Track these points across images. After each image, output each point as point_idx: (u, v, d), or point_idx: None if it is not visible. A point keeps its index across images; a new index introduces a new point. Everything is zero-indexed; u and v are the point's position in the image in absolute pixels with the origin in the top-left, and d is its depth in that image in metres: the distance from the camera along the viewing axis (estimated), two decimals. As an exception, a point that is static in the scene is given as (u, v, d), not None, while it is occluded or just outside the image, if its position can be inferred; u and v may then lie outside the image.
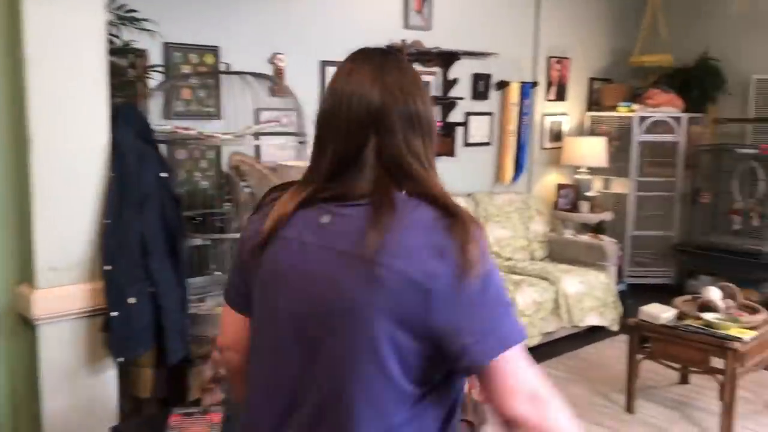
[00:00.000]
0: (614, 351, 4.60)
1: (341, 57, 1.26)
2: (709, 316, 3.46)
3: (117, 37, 2.82)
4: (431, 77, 4.92)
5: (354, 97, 1.13)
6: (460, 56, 4.89)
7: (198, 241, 2.57)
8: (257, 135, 2.38)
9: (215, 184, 3.77)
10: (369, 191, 1.09)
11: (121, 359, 2.20)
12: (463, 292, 1.03)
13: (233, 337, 1.26)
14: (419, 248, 1.03)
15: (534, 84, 5.57)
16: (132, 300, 2.11)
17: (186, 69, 3.74)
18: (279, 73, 4.09)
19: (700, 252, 5.78)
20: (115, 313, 2.12)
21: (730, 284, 3.86)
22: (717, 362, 3.39)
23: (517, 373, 1.06)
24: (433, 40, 4.83)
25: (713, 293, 3.65)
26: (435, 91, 4.94)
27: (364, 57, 1.20)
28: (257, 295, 1.16)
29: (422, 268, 1.02)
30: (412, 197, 1.09)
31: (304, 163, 2.75)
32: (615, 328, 4.92)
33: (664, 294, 5.87)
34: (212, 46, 3.86)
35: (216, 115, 3.84)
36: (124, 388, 2.31)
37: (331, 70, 4.34)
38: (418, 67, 4.83)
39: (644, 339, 3.66)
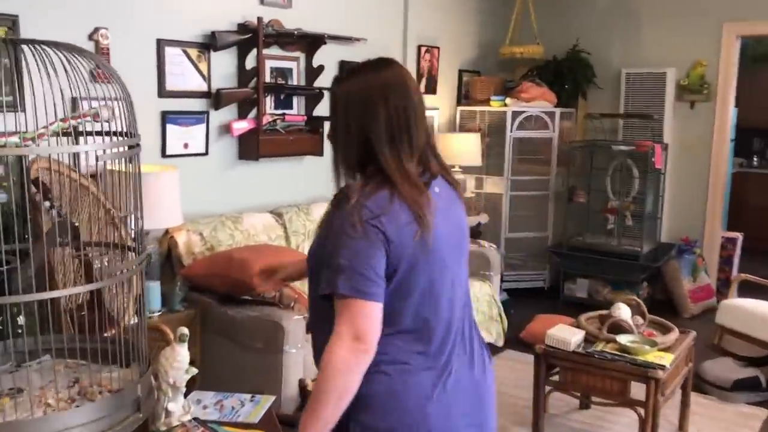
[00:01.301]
0: (504, 371, 4.16)
1: (184, 35, 0.72)
2: (624, 339, 3.05)
3: None
4: (292, 63, 4.21)
5: (422, 104, 1.54)
6: (325, 40, 4.22)
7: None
8: (64, 135, 1.59)
9: (18, 198, 2.84)
10: (438, 169, 1.58)
11: None
12: None
13: (379, 328, 1.44)
14: None
15: (404, 74, 5.01)
16: None
17: (-32, 43, 2.78)
18: (103, 52, 3.21)
19: (575, 254, 5.53)
20: None
21: (636, 298, 3.51)
22: (635, 391, 3.00)
23: None
24: (293, 20, 4.11)
25: (623, 311, 3.26)
26: (297, 79, 4.24)
27: (399, 64, 1.57)
28: (428, 262, 1.48)
29: None
30: None
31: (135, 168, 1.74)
32: (500, 343, 4.49)
33: (541, 299, 5.59)
34: (8, 15, 2.92)
35: (14, 107, 2.91)
36: None
37: (171, 51, 3.52)
38: (277, 51, 4.10)
39: (550, 366, 3.21)
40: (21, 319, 2.23)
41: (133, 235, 1.70)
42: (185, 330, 1.93)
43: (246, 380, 3.15)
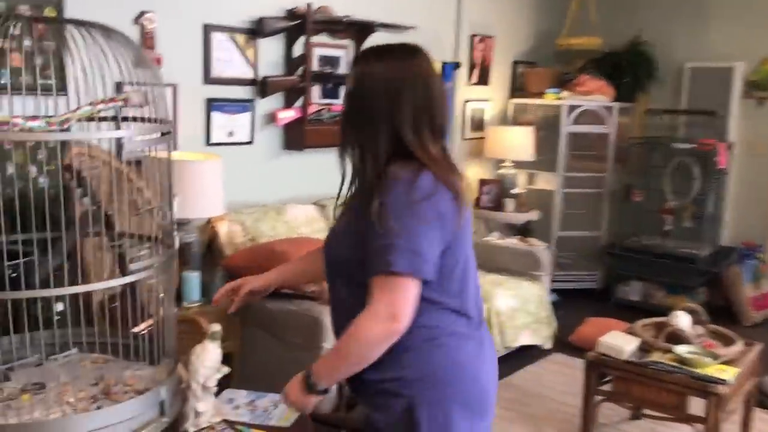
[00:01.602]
0: (551, 375, 3.99)
1: (232, 20, 0.61)
2: (681, 349, 2.86)
3: None
4: (341, 51, 4.10)
5: (444, 93, 1.57)
6: (375, 28, 4.10)
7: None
8: (91, 120, 1.50)
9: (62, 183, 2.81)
10: None
11: None
12: None
13: (414, 308, 1.44)
14: None
15: (457, 65, 4.86)
16: None
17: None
18: (148, 37, 3.15)
19: (629, 255, 5.30)
20: None
21: (698, 305, 3.31)
22: (693, 404, 2.81)
23: None
24: (343, 6, 4.01)
25: (682, 320, 3.06)
26: (345, 68, 4.13)
27: (425, 52, 1.55)
28: (463, 237, 1.54)
29: None
30: None
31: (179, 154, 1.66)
32: (548, 346, 4.32)
33: (591, 300, 5.38)
34: (54, -3, 2.88)
35: (61, 90, 2.88)
36: None
37: (218, 37, 3.45)
38: (325, 38, 4.00)
39: (602, 374, 3.04)
40: (59, 306, 2.19)
41: (163, 226, 1.61)
42: (218, 327, 1.84)
43: (285, 375, 3.06)
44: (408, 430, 1.48)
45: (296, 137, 3.82)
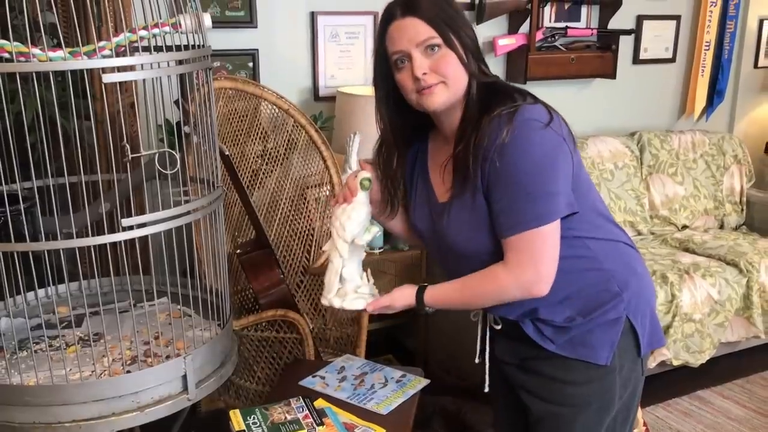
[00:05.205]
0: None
1: None
2: None
3: None
4: (584, -35, 3.46)
5: None
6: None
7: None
8: (134, 50, 1.31)
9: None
10: None
11: None
12: None
13: None
14: None
15: (750, -28, 3.86)
16: None
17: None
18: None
19: None
20: None
21: None
22: None
23: None
24: None
25: None
26: (590, -15, 3.49)
27: None
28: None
29: None
30: None
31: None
32: None
33: None
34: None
35: (249, 22, 2.82)
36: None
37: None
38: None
39: None
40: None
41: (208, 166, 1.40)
42: (367, 174, 1.44)
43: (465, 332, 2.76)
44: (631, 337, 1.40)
45: (518, 68, 3.34)
